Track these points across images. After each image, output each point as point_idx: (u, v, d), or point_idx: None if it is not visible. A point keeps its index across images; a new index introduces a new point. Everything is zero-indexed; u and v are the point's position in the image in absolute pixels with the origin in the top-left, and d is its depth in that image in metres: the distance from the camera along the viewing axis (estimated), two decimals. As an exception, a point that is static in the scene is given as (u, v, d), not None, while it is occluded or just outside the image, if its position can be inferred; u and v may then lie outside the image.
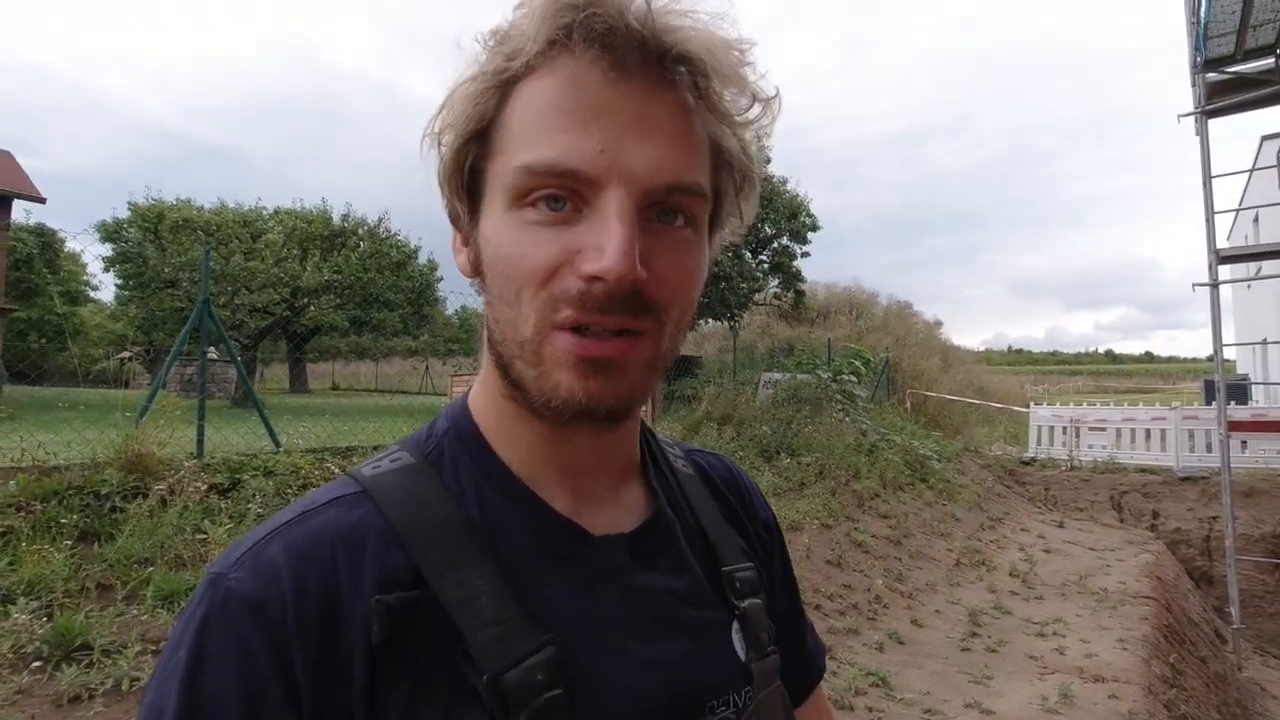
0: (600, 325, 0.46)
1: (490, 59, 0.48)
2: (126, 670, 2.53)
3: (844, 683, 3.90)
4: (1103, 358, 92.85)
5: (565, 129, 0.46)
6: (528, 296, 0.47)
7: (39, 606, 2.74)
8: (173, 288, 16.37)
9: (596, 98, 0.46)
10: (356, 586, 0.46)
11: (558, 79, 0.46)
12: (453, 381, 13.31)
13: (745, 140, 0.53)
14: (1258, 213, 15.67)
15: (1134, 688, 4.22)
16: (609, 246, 0.44)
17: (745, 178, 0.54)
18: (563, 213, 0.46)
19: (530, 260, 0.47)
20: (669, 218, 0.49)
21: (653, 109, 0.47)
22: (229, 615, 0.44)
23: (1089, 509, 10.24)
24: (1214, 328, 7.82)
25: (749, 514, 0.70)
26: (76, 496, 3.46)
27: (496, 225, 0.49)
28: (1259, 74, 7.88)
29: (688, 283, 0.50)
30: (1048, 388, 35.10)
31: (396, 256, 20.53)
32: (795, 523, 6.07)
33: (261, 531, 0.49)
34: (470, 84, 0.49)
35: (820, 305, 19.88)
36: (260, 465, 4.29)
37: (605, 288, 0.45)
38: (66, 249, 22.95)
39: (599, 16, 0.45)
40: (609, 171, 0.45)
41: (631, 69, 0.46)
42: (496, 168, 0.49)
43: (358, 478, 0.52)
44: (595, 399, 0.47)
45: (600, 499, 0.57)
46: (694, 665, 0.55)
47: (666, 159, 0.47)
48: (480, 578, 0.48)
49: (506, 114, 0.48)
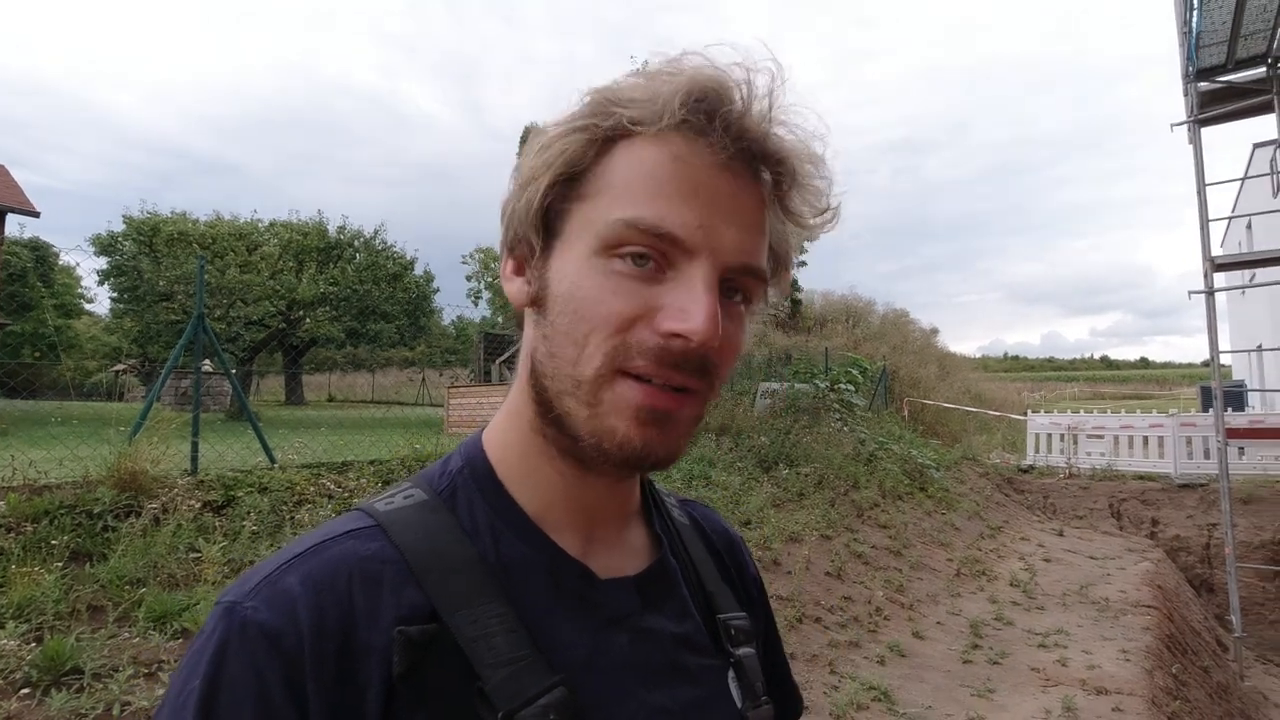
0: (668, 380, 0.49)
1: (601, 114, 0.51)
2: (118, 694, 2.48)
3: (846, 697, 3.86)
4: (1098, 364, 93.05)
5: (669, 197, 0.49)
6: (598, 340, 0.49)
7: (28, 629, 2.69)
8: (168, 301, 16.34)
9: (701, 178, 0.50)
10: (373, 620, 0.47)
11: (669, 152, 0.50)
12: (449, 393, 13.22)
13: (791, 232, 0.58)
14: (1250, 220, 15.77)
15: (1138, 700, 4.19)
16: (698, 312, 0.48)
17: (783, 264, 0.59)
18: (646, 270, 0.50)
19: (609, 307, 0.49)
20: (731, 294, 0.53)
21: (742, 197, 0.52)
22: (245, 645, 0.44)
23: (1088, 517, 10.23)
24: (1210, 334, 7.84)
25: (739, 570, 0.72)
26: (68, 516, 3.41)
27: (578, 267, 0.51)
28: (1250, 83, 7.94)
29: (736, 352, 0.54)
30: (1044, 394, 35.12)
31: (393, 268, 20.55)
32: (794, 534, 6.03)
33: (276, 561, 0.49)
34: (576, 133, 0.52)
35: (817, 314, 19.91)
36: (255, 482, 4.25)
37: (684, 346, 0.48)
38: (61, 263, 22.90)
39: (732, 112, 0.50)
40: (703, 244, 0.49)
41: (734, 159, 0.51)
42: (585, 213, 0.51)
43: (371, 512, 0.53)
44: (649, 448, 0.50)
45: (607, 542, 0.59)
46: (698, 713, 0.56)
47: (747, 243, 0.52)
48: (494, 616, 0.48)
49: (604, 166, 0.52)
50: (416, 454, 5.40)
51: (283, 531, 3.85)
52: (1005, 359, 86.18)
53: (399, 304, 20.44)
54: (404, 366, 34.85)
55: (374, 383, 34.12)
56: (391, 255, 20.88)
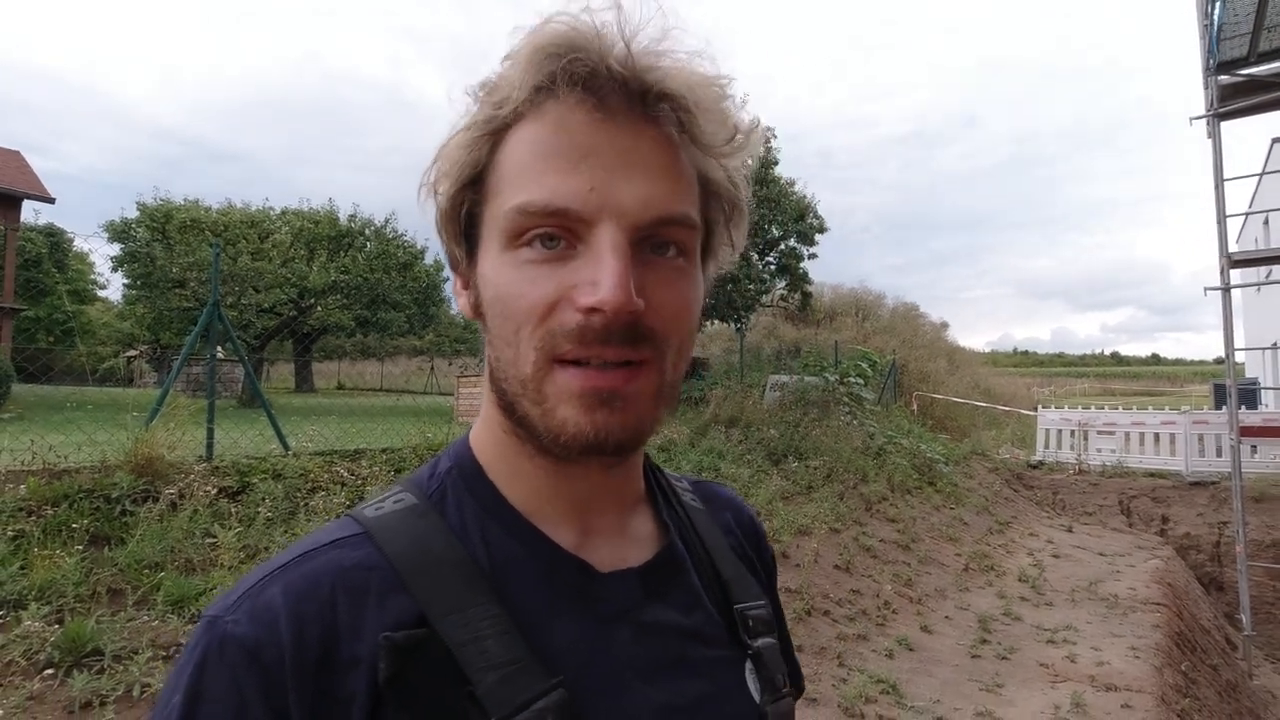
0: (600, 357, 0.47)
1: (481, 109, 0.50)
2: (138, 676, 2.53)
3: (854, 690, 3.87)
4: (1109, 359, 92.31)
5: (555, 170, 0.47)
6: (526, 334, 0.48)
7: (50, 612, 2.73)
8: (180, 287, 16.41)
9: (584, 139, 0.47)
10: (357, 631, 0.46)
11: (545, 123, 0.48)
12: (459, 381, 13.27)
13: (732, 170, 0.54)
14: (1268, 216, 15.56)
15: (1147, 697, 4.18)
16: (604, 279, 0.45)
17: (734, 207, 0.56)
18: (557, 251, 0.48)
19: (528, 298, 0.48)
20: (661, 250, 0.50)
21: (639, 146, 0.48)
22: (224, 660, 0.44)
23: (1097, 513, 10.18)
24: (1225, 332, 7.76)
25: (757, 551, 0.70)
26: (87, 500, 3.46)
27: (493, 266, 0.50)
28: (1273, 76, 7.81)
29: (684, 311, 0.51)
30: (1054, 390, 34.92)
31: (403, 257, 20.54)
32: (804, 527, 6.04)
33: (260, 573, 0.48)
34: (463, 134, 0.50)
35: (827, 307, 19.81)
36: (269, 468, 4.28)
37: (603, 319, 0.46)
38: (75, 249, 23.06)
39: (581, 61, 0.47)
40: (600, 209, 0.47)
41: (615, 109, 0.48)
42: (491, 211, 0.50)
43: (359, 519, 0.52)
44: (603, 432, 0.47)
45: (608, 534, 0.57)
46: (708, 708, 0.54)
47: (654, 193, 0.48)
48: (486, 619, 0.47)
49: (498, 160, 0.50)
50: (428, 442, 5.43)
51: (297, 518, 3.89)
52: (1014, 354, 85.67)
53: (409, 293, 20.45)
54: (413, 355, 34.97)
55: (383, 371, 34.28)
56: (402, 244, 20.88)
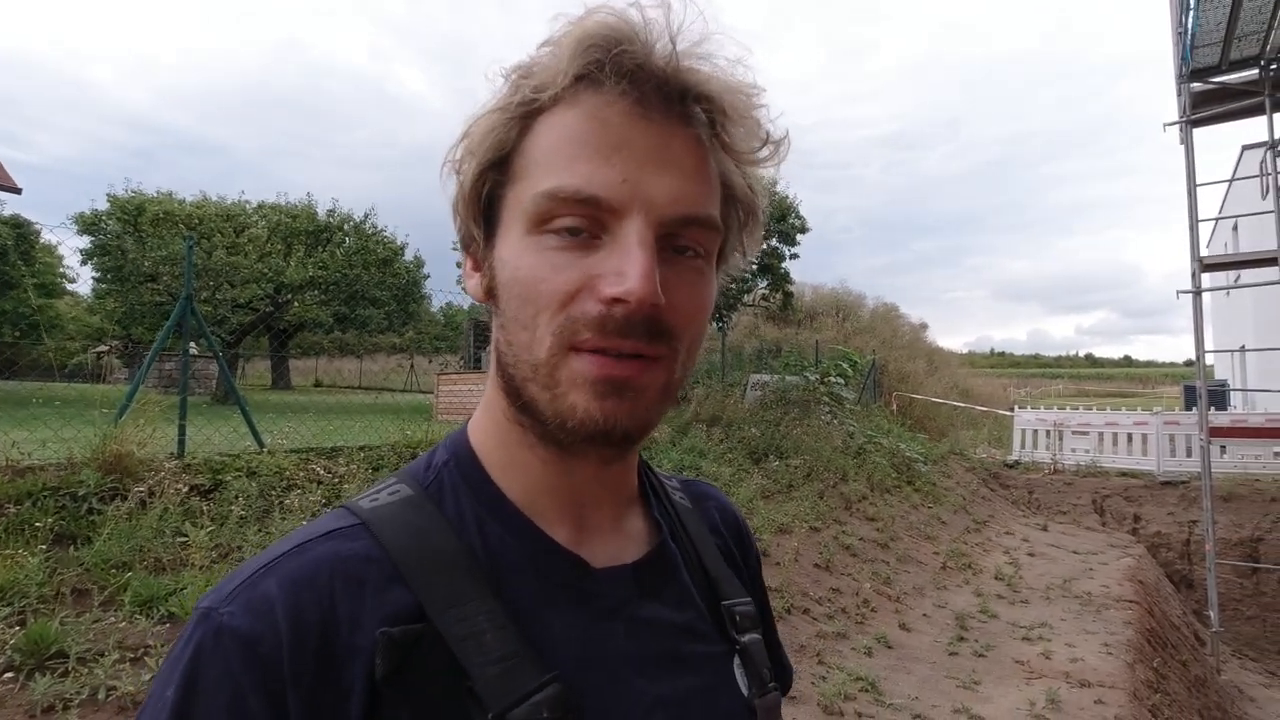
0: (618, 348, 0.47)
1: (515, 90, 0.50)
2: (103, 679, 2.45)
3: (833, 688, 3.88)
4: (1083, 361, 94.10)
5: (588, 159, 0.47)
6: (545, 320, 0.48)
7: (11, 613, 2.64)
8: (153, 281, 16.08)
9: (618, 131, 0.48)
10: (355, 622, 0.45)
11: (582, 112, 0.48)
12: (438, 379, 13.14)
13: (752, 178, 0.55)
14: (1237, 221, 15.92)
15: (1119, 693, 4.25)
16: (631, 270, 0.46)
17: (750, 213, 0.57)
18: (581, 239, 0.48)
19: (550, 284, 0.47)
20: (681, 250, 0.50)
21: (671, 145, 0.49)
22: (220, 653, 0.43)
23: (1071, 512, 10.35)
24: (1196, 334, 7.92)
25: (743, 550, 0.71)
26: (52, 498, 3.36)
27: (515, 249, 0.50)
28: (1243, 84, 7.98)
29: (700, 312, 0.52)
30: (1030, 391, 35.44)
31: (383, 253, 20.30)
32: (784, 525, 6.06)
33: (256, 564, 0.47)
34: (494, 114, 0.50)
35: (808, 307, 19.93)
36: (243, 466, 4.20)
37: (626, 310, 0.46)
38: (43, 241, 22.49)
39: (628, 55, 0.47)
40: (630, 201, 0.47)
41: (652, 106, 0.49)
42: (516, 194, 0.50)
43: (355, 510, 0.51)
44: (612, 420, 0.48)
45: (602, 530, 0.57)
46: (701, 702, 0.55)
47: (684, 192, 0.49)
48: (483, 613, 0.47)
49: (528, 143, 0.50)
50: (407, 440, 5.37)
51: (271, 516, 3.82)
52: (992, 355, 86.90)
53: (389, 289, 20.22)
54: (392, 352, 34.62)
55: (362, 368, 33.89)
56: (382, 240, 20.63)
